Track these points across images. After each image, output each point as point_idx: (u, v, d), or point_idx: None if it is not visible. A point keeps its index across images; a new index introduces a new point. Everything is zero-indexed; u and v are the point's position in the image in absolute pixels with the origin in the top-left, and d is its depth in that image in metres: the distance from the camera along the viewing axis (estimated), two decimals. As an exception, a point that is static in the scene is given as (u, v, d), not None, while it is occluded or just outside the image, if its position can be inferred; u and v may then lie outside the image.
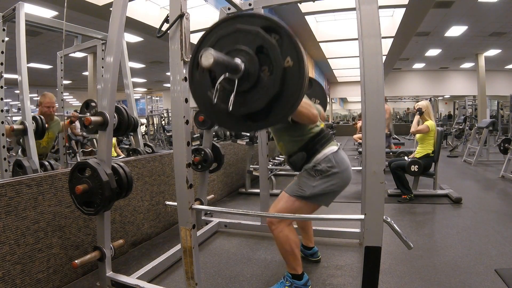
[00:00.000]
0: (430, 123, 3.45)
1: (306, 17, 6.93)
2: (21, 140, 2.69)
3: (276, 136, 1.74)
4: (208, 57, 0.94)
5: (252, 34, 1.04)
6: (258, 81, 1.04)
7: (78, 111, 2.82)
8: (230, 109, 1.05)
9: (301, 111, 1.39)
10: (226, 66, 1.02)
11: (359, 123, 8.77)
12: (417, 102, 3.98)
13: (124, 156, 4.27)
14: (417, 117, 3.51)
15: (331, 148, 1.62)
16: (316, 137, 1.63)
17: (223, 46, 1.08)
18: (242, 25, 1.07)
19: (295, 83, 1.03)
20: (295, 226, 2.01)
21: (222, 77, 1.05)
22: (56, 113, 3.00)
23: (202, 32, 1.18)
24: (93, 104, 2.65)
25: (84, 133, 6.90)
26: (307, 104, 1.44)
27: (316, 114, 1.50)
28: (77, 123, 6.84)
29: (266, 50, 1.03)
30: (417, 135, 3.58)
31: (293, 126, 1.60)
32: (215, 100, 1.08)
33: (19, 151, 2.75)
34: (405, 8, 6.04)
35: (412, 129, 3.53)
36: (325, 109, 2.21)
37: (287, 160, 1.73)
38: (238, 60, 1.04)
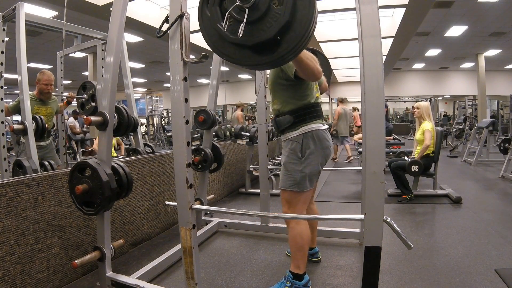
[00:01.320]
0: (429, 125, 3.44)
1: (306, 17, 6.92)
2: (21, 138, 2.69)
3: (273, 91, 1.75)
4: None
5: None
6: (268, 11, 1.05)
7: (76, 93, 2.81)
8: (240, 35, 1.05)
9: (306, 63, 1.36)
10: None
11: (355, 113, 8.81)
12: (417, 102, 3.96)
13: (124, 156, 4.27)
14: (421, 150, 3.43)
15: (318, 125, 1.66)
16: (309, 107, 1.66)
17: None
18: None
19: (305, 14, 1.02)
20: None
21: (234, 4, 1.06)
22: (54, 94, 3.00)
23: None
24: (90, 85, 2.65)
25: (84, 129, 6.89)
26: (313, 58, 1.42)
27: (320, 70, 1.47)
28: (77, 124, 6.82)
29: None
30: (417, 136, 3.58)
31: (294, 84, 1.62)
32: (226, 27, 1.08)
33: (20, 154, 2.75)
34: (405, 8, 6.03)
35: (424, 147, 3.40)
36: (329, 82, 2.20)
37: (273, 119, 1.76)
38: None
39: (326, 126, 1.73)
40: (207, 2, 1.15)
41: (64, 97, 3.16)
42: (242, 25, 1.05)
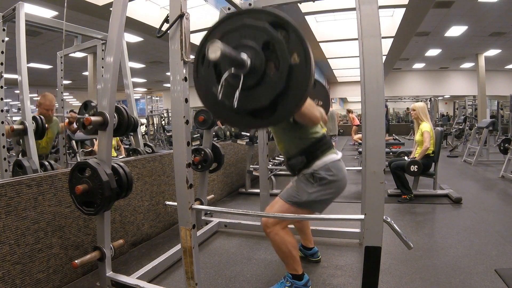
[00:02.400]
0: (427, 126, 3.44)
1: (306, 17, 6.93)
2: (20, 140, 2.69)
3: (277, 136, 1.73)
4: (216, 50, 0.93)
5: (259, 29, 1.03)
6: (264, 77, 1.03)
7: (77, 112, 2.82)
8: (235, 105, 1.04)
9: (303, 111, 1.37)
10: (232, 61, 1.00)
11: (351, 115, 8.88)
12: (417, 102, 3.96)
13: (124, 156, 4.27)
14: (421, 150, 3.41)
15: (332, 156, 1.61)
16: (317, 142, 1.61)
17: (230, 40, 1.06)
18: (250, 20, 1.05)
19: (301, 81, 1.01)
20: (291, 226, 2.01)
21: (227, 73, 1.04)
22: (55, 114, 2.99)
23: (202, 32, 1.18)
24: (92, 104, 2.65)
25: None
26: (310, 105, 1.43)
27: (318, 116, 1.49)
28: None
29: (273, 46, 1.01)
30: (417, 137, 3.58)
31: (295, 127, 1.58)
32: (220, 96, 1.07)
33: (19, 155, 2.74)
34: (405, 8, 6.03)
35: (424, 149, 3.39)
36: (327, 111, 2.19)
37: (286, 163, 1.72)
38: (244, 55, 1.02)
39: (340, 155, 1.67)
40: (202, 61, 1.14)
41: (65, 118, 3.15)
42: (236, 93, 1.03)
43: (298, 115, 1.41)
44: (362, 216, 1.15)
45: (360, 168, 2.85)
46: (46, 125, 2.66)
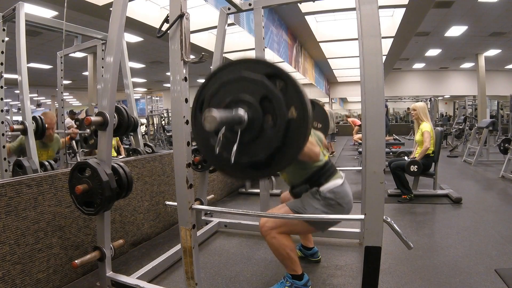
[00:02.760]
0: (428, 126, 3.44)
1: (306, 17, 6.93)
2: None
3: None
4: (212, 121, 0.94)
5: (257, 83, 1.03)
6: (261, 132, 1.04)
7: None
8: (232, 161, 1.05)
9: (303, 152, 1.36)
10: (229, 122, 1.01)
11: (349, 119, 8.93)
12: (417, 102, 3.96)
13: (124, 156, 4.27)
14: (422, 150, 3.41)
15: (336, 181, 1.62)
16: (320, 170, 1.62)
17: (227, 93, 1.07)
18: (246, 73, 1.05)
19: (298, 135, 1.02)
20: None
21: (223, 129, 1.05)
22: (56, 131, 2.97)
23: (203, 32, 1.18)
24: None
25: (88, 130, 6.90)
26: (310, 143, 1.42)
27: (318, 153, 1.49)
28: (74, 123, 6.79)
29: (270, 100, 1.02)
30: (417, 137, 3.58)
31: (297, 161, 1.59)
32: (217, 150, 1.07)
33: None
34: (405, 8, 6.03)
35: (424, 149, 3.39)
36: (326, 132, 2.17)
37: (290, 191, 1.73)
38: (241, 111, 1.03)
39: (343, 178, 1.67)
40: (200, 108, 1.14)
41: (67, 134, 3.15)
42: (234, 148, 1.04)
43: None
44: (362, 216, 1.15)
45: (360, 168, 2.85)
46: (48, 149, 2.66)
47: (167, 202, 1.84)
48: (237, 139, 1.04)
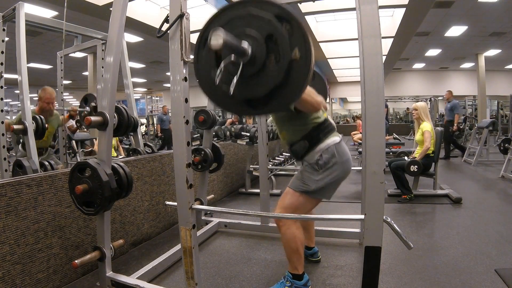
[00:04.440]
0: (428, 126, 3.44)
1: (306, 17, 6.93)
2: (21, 139, 2.69)
3: (279, 125, 1.74)
4: (218, 38, 0.93)
5: (264, 21, 1.03)
6: (263, 68, 1.04)
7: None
8: (231, 92, 1.05)
9: (305, 99, 1.37)
10: (233, 49, 1.01)
11: (358, 122, 8.89)
12: (416, 102, 3.97)
13: (124, 156, 4.27)
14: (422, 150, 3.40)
15: (334, 138, 1.63)
16: (319, 126, 1.63)
17: (234, 27, 1.06)
18: (255, 10, 1.05)
19: (299, 76, 1.02)
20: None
21: (228, 59, 1.04)
22: (55, 108, 3.00)
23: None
24: (93, 103, 2.65)
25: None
26: (311, 92, 1.42)
27: (319, 102, 1.47)
28: (74, 122, 6.81)
29: (276, 39, 1.02)
30: (417, 137, 3.58)
31: (296, 115, 1.59)
32: (218, 80, 1.07)
33: (20, 146, 2.75)
34: (405, 8, 6.04)
35: (425, 148, 3.39)
36: (326, 101, 2.19)
37: (289, 149, 1.73)
38: (246, 44, 1.03)
39: (341, 137, 1.68)
40: (203, 45, 1.14)
41: (66, 111, 3.15)
42: (234, 80, 1.04)
43: (299, 103, 1.40)
44: (362, 216, 1.15)
45: (360, 168, 2.85)
46: (46, 124, 2.67)
47: (167, 202, 1.84)
48: (238, 71, 1.04)
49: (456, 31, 8.32)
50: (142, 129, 10.91)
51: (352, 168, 1.78)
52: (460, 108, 6.41)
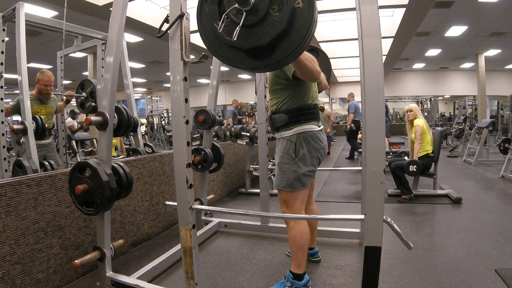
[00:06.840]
0: (420, 121, 3.47)
1: (306, 17, 6.92)
2: (21, 140, 2.69)
3: (272, 90, 1.75)
4: None
5: None
6: (266, 16, 1.04)
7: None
8: (235, 39, 1.05)
9: (305, 64, 1.36)
10: None
11: None
12: (410, 104, 4.05)
13: (124, 156, 4.27)
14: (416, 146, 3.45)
15: (312, 126, 1.67)
16: (304, 109, 1.66)
17: None
18: None
19: (302, 25, 1.02)
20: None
21: (231, 7, 1.06)
22: (53, 92, 3.00)
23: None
24: (90, 88, 2.63)
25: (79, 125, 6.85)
26: (312, 59, 1.41)
27: (319, 71, 1.47)
28: (75, 123, 6.81)
29: None
30: (412, 135, 3.58)
31: (293, 85, 1.63)
32: (221, 29, 1.08)
33: (21, 154, 2.75)
34: (405, 8, 6.03)
35: (417, 146, 3.43)
36: (328, 80, 2.19)
37: (269, 117, 1.77)
38: None
39: (321, 127, 1.73)
40: (206, 0, 1.15)
41: (64, 96, 3.16)
42: (237, 28, 1.05)
43: (298, 67, 1.40)
44: (362, 216, 1.15)
45: (360, 168, 2.85)
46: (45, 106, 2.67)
47: (167, 202, 1.84)
48: (242, 20, 1.04)
49: (456, 31, 8.32)
50: (142, 129, 10.92)
51: (352, 168, 1.79)
52: (354, 108, 6.60)
